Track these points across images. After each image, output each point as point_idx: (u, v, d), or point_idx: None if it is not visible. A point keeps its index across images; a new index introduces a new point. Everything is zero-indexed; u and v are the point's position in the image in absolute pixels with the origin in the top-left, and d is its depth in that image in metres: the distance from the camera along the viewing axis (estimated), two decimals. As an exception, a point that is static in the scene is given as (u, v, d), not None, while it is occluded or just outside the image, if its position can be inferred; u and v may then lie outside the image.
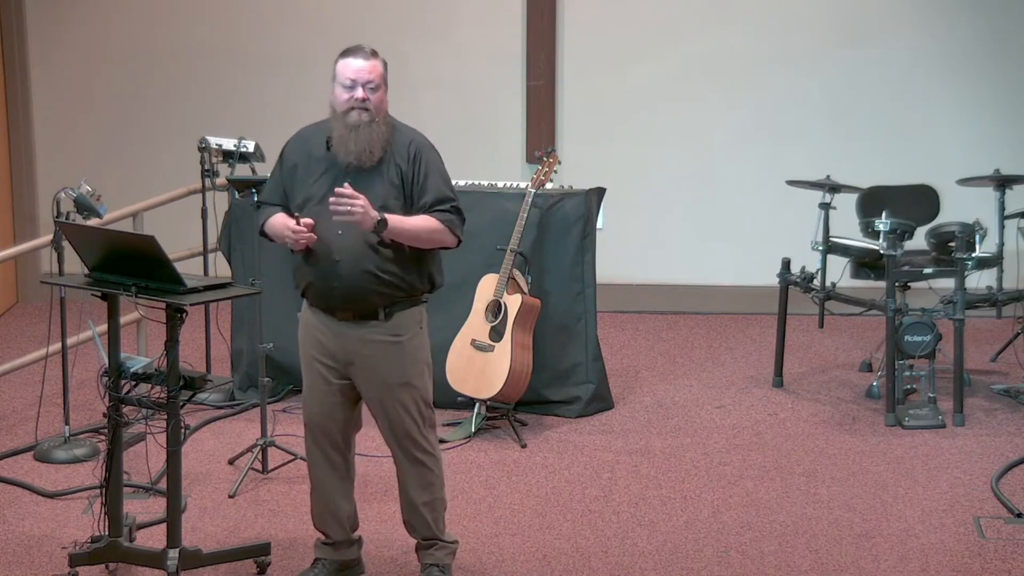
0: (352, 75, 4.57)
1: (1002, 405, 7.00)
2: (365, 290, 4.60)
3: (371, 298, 4.62)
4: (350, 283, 4.59)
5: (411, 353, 4.70)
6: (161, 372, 4.72)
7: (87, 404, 6.68)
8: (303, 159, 4.70)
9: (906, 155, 8.78)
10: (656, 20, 8.95)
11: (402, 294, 4.65)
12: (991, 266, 7.22)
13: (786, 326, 7.42)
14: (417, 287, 4.69)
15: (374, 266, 4.57)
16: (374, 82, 4.57)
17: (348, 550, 4.93)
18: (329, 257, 4.60)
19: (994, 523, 5.49)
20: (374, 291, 4.61)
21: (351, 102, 4.57)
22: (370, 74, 4.57)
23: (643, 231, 9.05)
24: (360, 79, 4.56)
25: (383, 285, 4.61)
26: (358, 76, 4.56)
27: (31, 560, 5.13)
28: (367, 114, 4.57)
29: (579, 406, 6.85)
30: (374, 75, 4.57)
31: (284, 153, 4.78)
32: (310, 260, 4.64)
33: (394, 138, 4.64)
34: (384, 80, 4.61)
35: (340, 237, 4.58)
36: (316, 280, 4.65)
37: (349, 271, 4.58)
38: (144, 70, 9.26)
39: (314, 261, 4.63)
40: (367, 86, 4.57)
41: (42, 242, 6.85)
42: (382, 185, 4.60)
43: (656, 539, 5.35)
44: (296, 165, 4.70)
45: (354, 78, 4.57)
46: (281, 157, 4.79)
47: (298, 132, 4.79)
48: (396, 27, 8.91)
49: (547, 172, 6.69)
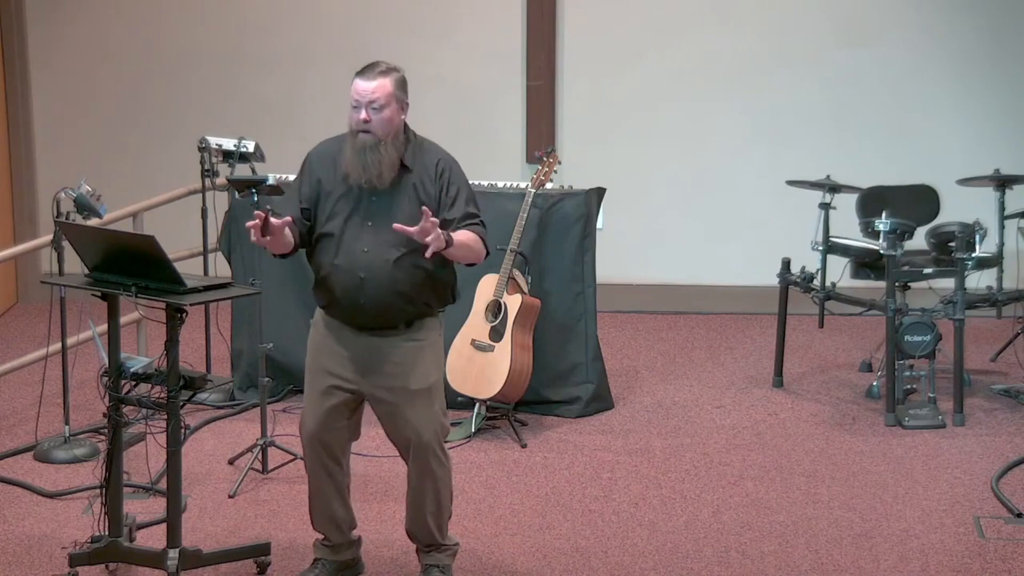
0: (356, 95, 4.55)
1: (1002, 405, 7.00)
2: (391, 307, 4.58)
3: (396, 314, 4.61)
4: (377, 300, 4.56)
5: (432, 357, 4.70)
6: (161, 372, 4.72)
7: (87, 404, 6.68)
8: (328, 174, 4.66)
9: (906, 155, 8.78)
10: (656, 20, 8.95)
11: (427, 309, 4.66)
12: (991, 266, 7.22)
13: (786, 326, 7.42)
14: (440, 302, 4.71)
15: (402, 284, 4.56)
16: (378, 102, 4.53)
17: (348, 551, 4.93)
18: (355, 275, 4.57)
19: (994, 523, 5.49)
20: (399, 308, 4.60)
21: (357, 124, 4.56)
22: (373, 94, 4.53)
23: (643, 231, 9.06)
24: (363, 99, 4.53)
25: (409, 303, 4.60)
26: (361, 97, 4.54)
27: (31, 560, 5.13)
28: (370, 137, 4.54)
29: (579, 406, 6.85)
30: (378, 95, 4.53)
31: (308, 166, 4.73)
32: (334, 276, 4.61)
33: (421, 156, 4.63)
34: (394, 98, 4.55)
35: (366, 255, 4.56)
36: (342, 297, 4.60)
37: (375, 289, 4.56)
38: (144, 70, 9.26)
39: (339, 278, 4.59)
40: (370, 106, 4.53)
41: (42, 242, 6.85)
42: (408, 202, 4.58)
43: (656, 539, 5.35)
44: (321, 180, 4.67)
45: (358, 99, 4.54)
46: (303, 171, 4.74)
47: (320, 145, 4.75)
48: (396, 27, 8.92)
49: (547, 172, 6.70)
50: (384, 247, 4.55)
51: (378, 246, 4.56)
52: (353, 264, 4.57)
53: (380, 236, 4.55)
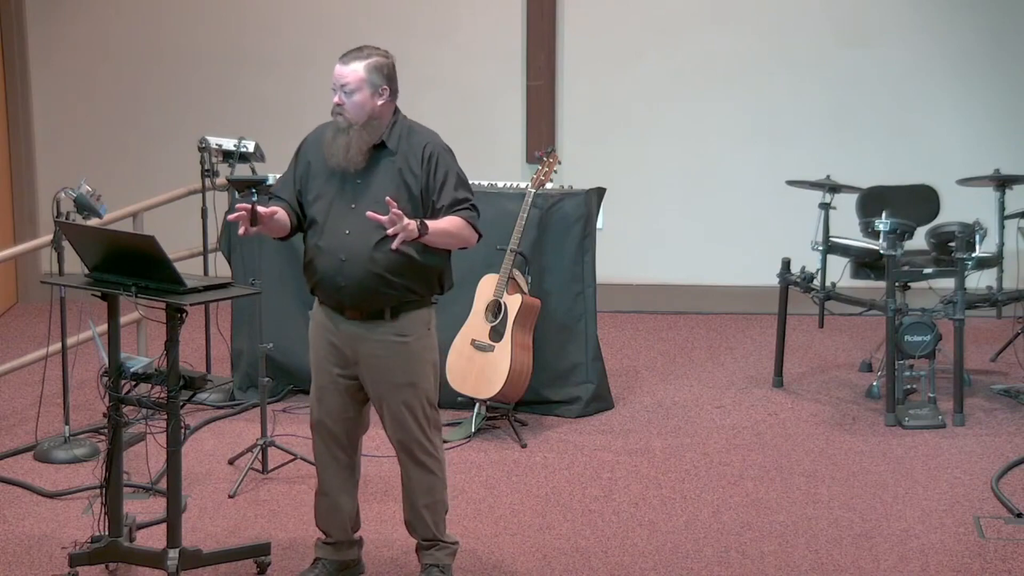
0: (333, 78, 4.63)
1: (1002, 405, 7.00)
2: (373, 290, 4.60)
3: (378, 298, 4.62)
4: (357, 283, 4.59)
5: (417, 354, 4.71)
6: (161, 372, 4.72)
7: (87, 404, 6.68)
8: (316, 157, 4.71)
9: (906, 155, 8.78)
10: (656, 20, 8.95)
11: (412, 295, 4.66)
12: (991, 266, 7.22)
13: (786, 326, 7.42)
14: (425, 289, 4.70)
15: (382, 268, 4.58)
16: (349, 86, 4.59)
17: (349, 550, 4.93)
18: (336, 257, 4.60)
19: (994, 523, 5.49)
20: (382, 292, 4.61)
21: (333, 107, 4.64)
22: (345, 78, 4.59)
23: (643, 231, 9.05)
24: (337, 83, 4.62)
25: (390, 287, 4.61)
26: (336, 80, 4.62)
27: (31, 560, 5.13)
28: (343, 120, 4.61)
29: (579, 406, 6.85)
30: (349, 79, 4.59)
31: (301, 149, 4.79)
32: (318, 259, 4.65)
33: (408, 140, 4.66)
34: (365, 82, 4.59)
35: (348, 237, 4.59)
36: (324, 279, 4.65)
37: (356, 271, 4.58)
38: (144, 70, 9.26)
39: (321, 260, 4.64)
40: (343, 89, 4.60)
41: (42, 242, 6.84)
42: (392, 185, 4.61)
43: (656, 539, 5.35)
44: (311, 162, 4.72)
45: (334, 81, 4.63)
46: (298, 153, 4.79)
47: (316, 129, 4.80)
48: (396, 27, 8.91)
49: (547, 172, 6.70)
50: (366, 230, 4.57)
51: (360, 229, 4.58)
52: (335, 246, 4.60)
53: (363, 219, 4.57)
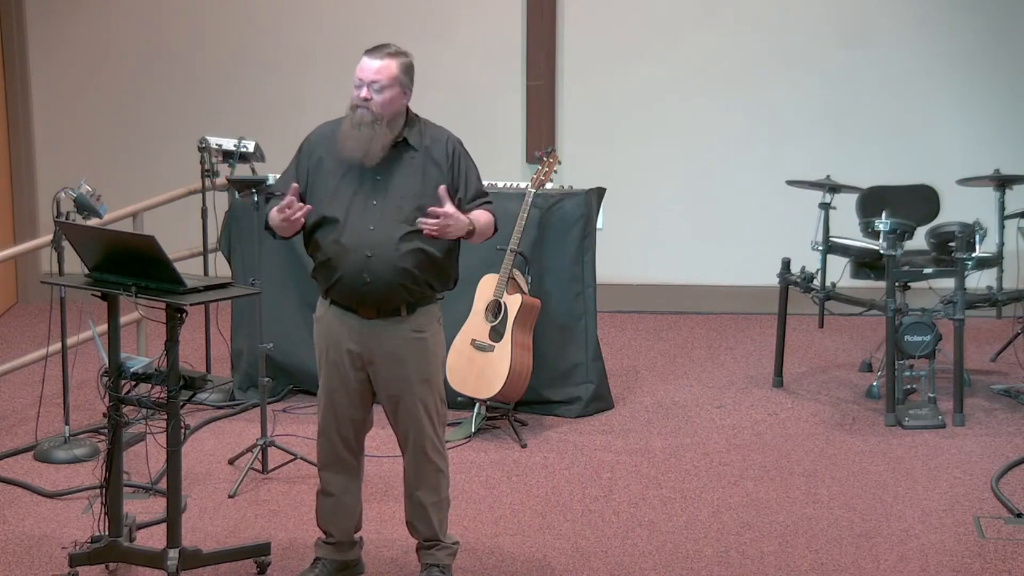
0: (360, 74, 4.60)
1: (1002, 405, 7.00)
2: (397, 286, 4.59)
3: (401, 294, 4.61)
4: (383, 279, 4.57)
5: (433, 349, 4.72)
6: (161, 372, 4.72)
7: (87, 404, 6.68)
8: (329, 154, 4.68)
9: (906, 155, 8.78)
10: (656, 20, 8.95)
11: (430, 291, 4.68)
12: (991, 266, 7.22)
13: (786, 326, 7.42)
14: (442, 284, 4.73)
15: (409, 264, 4.58)
16: (380, 82, 4.57)
17: (349, 550, 4.93)
18: (361, 253, 4.57)
19: (994, 523, 5.49)
20: (406, 288, 4.60)
21: (356, 100, 4.60)
22: (377, 74, 4.57)
23: (643, 231, 9.06)
24: (366, 78, 4.58)
25: (415, 282, 4.61)
26: (364, 75, 4.59)
27: (31, 560, 5.13)
28: (368, 114, 4.58)
29: (579, 406, 6.85)
30: (382, 75, 4.57)
31: (307, 146, 4.75)
32: (338, 256, 4.61)
33: (428, 135, 4.68)
34: (397, 81, 4.59)
35: (372, 233, 4.58)
36: (346, 276, 4.60)
37: (382, 267, 4.56)
38: (144, 70, 9.26)
39: (344, 257, 4.60)
40: (372, 86, 4.58)
41: (42, 242, 6.85)
42: (416, 180, 4.62)
43: (656, 539, 5.35)
44: (322, 159, 4.69)
45: (361, 77, 4.59)
46: (302, 150, 4.76)
47: (319, 127, 4.78)
48: (396, 27, 8.90)
49: (547, 172, 6.70)
50: (391, 225, 4.57)
51: (384, 225, 4.57)
52: (360, 243, 4.58)
53: (386, 215, 4.57)
